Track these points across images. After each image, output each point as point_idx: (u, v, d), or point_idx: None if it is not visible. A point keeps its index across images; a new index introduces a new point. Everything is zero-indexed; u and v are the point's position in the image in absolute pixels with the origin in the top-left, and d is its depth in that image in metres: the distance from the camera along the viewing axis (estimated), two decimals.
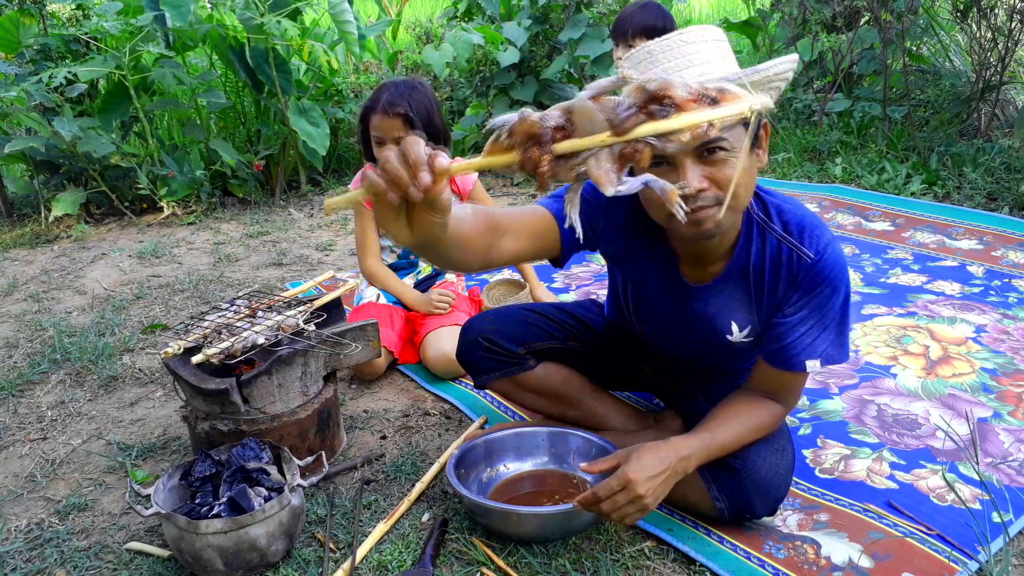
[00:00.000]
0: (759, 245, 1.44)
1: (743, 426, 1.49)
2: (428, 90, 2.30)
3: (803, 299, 1.43)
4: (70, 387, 2.31)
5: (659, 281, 1.56)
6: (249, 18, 3.67)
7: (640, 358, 1.84)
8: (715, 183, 1.26)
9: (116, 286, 3.10)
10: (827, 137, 4.31)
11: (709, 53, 1.27)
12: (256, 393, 1.72)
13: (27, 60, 3.73)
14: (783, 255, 1.43)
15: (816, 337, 1.45)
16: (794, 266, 1.42)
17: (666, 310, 1.60)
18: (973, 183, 3.61)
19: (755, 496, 1.49)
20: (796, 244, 1.41)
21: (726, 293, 1.50)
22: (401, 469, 1.83)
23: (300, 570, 1.53)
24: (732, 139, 1.24)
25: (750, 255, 1.45)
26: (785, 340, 1.46)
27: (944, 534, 1.52)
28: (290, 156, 4.25)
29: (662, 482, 1.39)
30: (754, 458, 1.48)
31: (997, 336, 2.33)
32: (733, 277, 1.48)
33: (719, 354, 1.65)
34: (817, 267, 1.40)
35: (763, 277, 1.45)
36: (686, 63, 1.25)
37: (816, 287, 1.41)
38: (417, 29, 6.09)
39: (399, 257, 2.47)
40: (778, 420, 1.54)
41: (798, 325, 1.44)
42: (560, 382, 1.79)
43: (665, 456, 1.40)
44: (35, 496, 1.82)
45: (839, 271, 1.41)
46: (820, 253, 1.40)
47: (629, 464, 1.37)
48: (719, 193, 1.27)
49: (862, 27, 4.50)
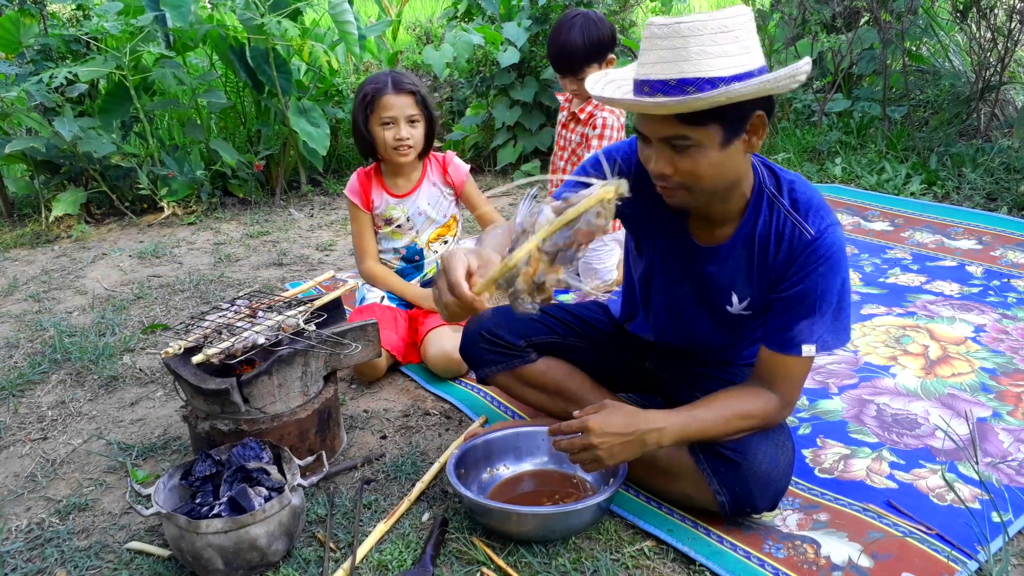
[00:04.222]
0: (766, 217, 1.48)
1: (728, 410, 1.48)
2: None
3: (799, 275, 1.45)
4: (70, 387, 2.31)
5: (671, 240, 1.60)
6: (249, 18, 3.68)
7: (642, 355, 1.85)
8: (678, 171, 1.36)
9: (116, 286, 3.10)
10: (827, 137, 4.31)
11: (708, 48, 1.26)
12: (256, 393, 1.72)
13: (28, 60, 3.73)
14: (786, 229, 1.46)
15: (812, 320, 1.46)
16: (795, 241, 1.45)
17: (677, 268, 1.62)
18: (972, 183, 3.61)
19: (756, 489, 1.49)
20: (799, 220, 1.45)
21: (732, 260, 1.53)
22: (401, 469, 1.83)
23: (300, 570, 1.53)
24: (696, 136, 1.31)
25: (757, 225, 1.48)
26: (782, 318, 1.48)
27: (944, 534, 1.53)
28: (290, 156, 4.25)
29: (622, 443, 1.42)
30: (754, 451, 1.49)
31: (996, 336, 2.33)
32: (739, 244, 1.51)
33: (718, 329, 1.67)
34: (816, 244, 1.43)
35: (766, 248, 1.48)
36: (672, 56, 1.26)
37: (813, 263, 1.43)
38: (417, 29, 6.10)
39: (404, 261, 2.47)
40: (772, 412, 1.52)
41: (795, 304, 1.46)
42: (561, 377, 1.80)
43: (633, 422, 1.43)
44: (35, 496, 1.82)
45: (837, 252, 1.43)
46: (821, 232, 1.43)
47: (597, 415, 1.43)
48: (682, 180, 1.37)
49: (862, 27, 4.50)
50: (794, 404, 1.56)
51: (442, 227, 2.46)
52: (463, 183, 2.45)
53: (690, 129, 1.30)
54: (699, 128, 1.30)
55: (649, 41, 1.29)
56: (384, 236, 2.44)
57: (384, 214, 2.41)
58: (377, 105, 2.25)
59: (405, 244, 2.44)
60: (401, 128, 2.26)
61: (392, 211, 2.40)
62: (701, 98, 1.23)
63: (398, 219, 2.41)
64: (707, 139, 1.31)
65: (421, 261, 2.48)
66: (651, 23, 1.29)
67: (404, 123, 2.26)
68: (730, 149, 1.34)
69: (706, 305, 1.63)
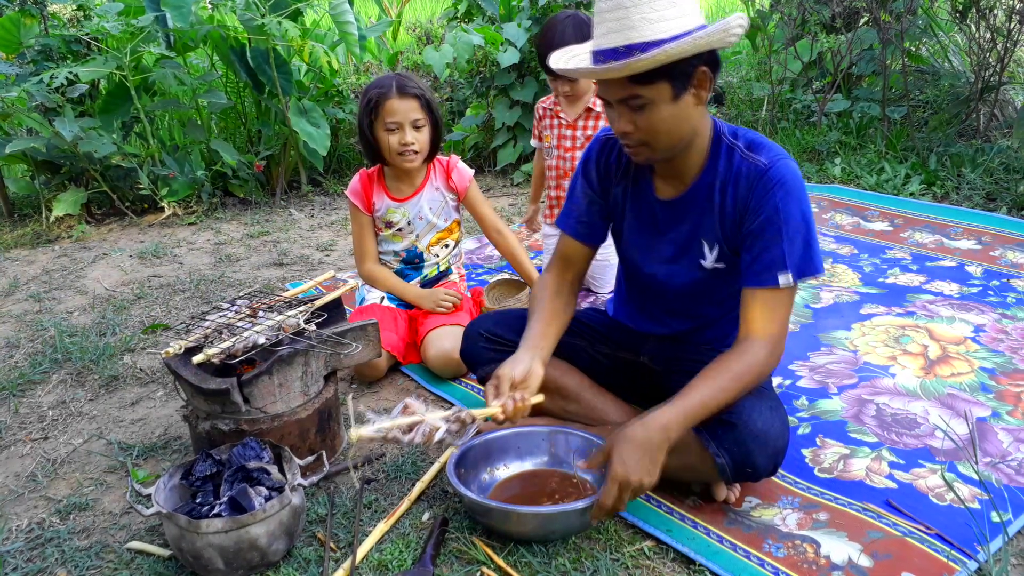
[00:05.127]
0: (726, 162, 1.58)
1: (719, 379, 1.49)
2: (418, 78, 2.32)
3: (759, 205, 1.53)
4: (71, 387, 2.31)
5: (640, 203, 1.71)
6: (250, 19, 3.68)
7: (637, 350, 1.88)
8: (638, 128, 1.48)
9: (117, 286, 3.11)
10: (826, 137, 4.31)
11: (648, 15, 1.38)
12: (257, 393, 1.72)
13: (28, 60, 3.73)
14: (743, 168, 1.56)
15: (781, 246, 1.51)
16: (751, 175, 1.55)
17: (650, 228, 1.71)
18: (972, 183, 3.61)
19: (755, 448, 1.50)
20: (753, 157, 1.56)
21: (697, 207, 1.62)
22: (401, 468, 1.84)
23: (300, 569, 1.53)
24: (648, 94, 1.43)
25: (717, 172, 1.59)
26: (752, 252, 1.54)
27: (943, 533, 1.53)
28: (291, 156, 4.25)
29: (651, 460, 1.43)
30: (749, 410, 1.51)
31: (996, 336, 2.34)
32: (703, 191, 1.61)
33: (699, 293, 1.72)
34: (769, 171, 1.52)
35: (727, 190, 1.58)
36: (618, 26, 1.39)
37: (768, 190, 1.52)
38: (417, 30, 6.10)
39: (404, 263, 2.47)
40: (761, 361, 1.50)
41: (760, 234, 1.53)
42: (560, 375, 1.81)
43: (643, 438, 1.44)
44: (36, 496, 1.82)
45: (790, 176, 1.52)
46: (772, 161, 1.53)
47: (615, 464, 1.42)
48: (643, 136, 1.49)
49: (861, 28, 4.51)
50: (779, 344, 1.54)
51: (443, 231, 2.46)
52: (467, 188, 2.43)
53: (642, 88, 1.42)
54: (650, 86, 1.42)
55: (599, 15, 1.43)
56: (384, 239, 2.44)
57: (385, 217, 2.40)
58: (381, 110, 2.22)
59: (405, 247, 2.44)
60: (406, 133, 2.23)
61: (393, 214, 2.39)
62: (644, 58, 1.36)
63: (399, 223, 2.40)
64: (659, 95, 1.44)
65: (421, 263, 2.48)
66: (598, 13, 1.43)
67: (409, 128, 2.23)
68: (681, 103, 1.46)
69: (682, 262, 1.69)
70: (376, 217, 2.41)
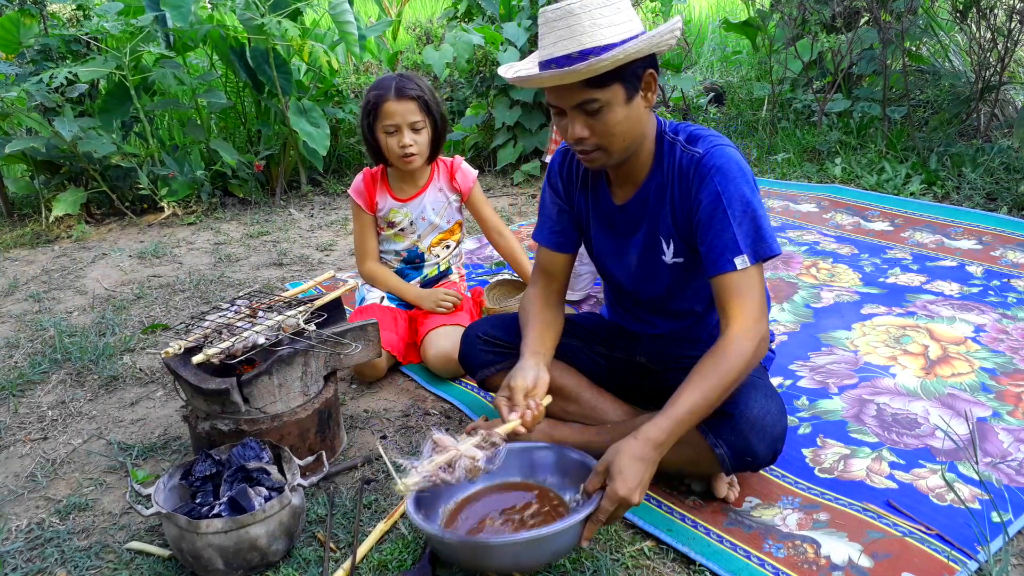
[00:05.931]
0: (669, 159, 1.63)
1: (705, 382, 1.47)
2: (421, 78, 2.31)
3: (699, 194, 1.56)
4: (71, 387, 2.31)
5: (600, 212, 1.75)
6: (249, 18, 3.68)
7: (632, 350, 1.88)
8: (594, 132, 1.51)
9: (117, 286, 3.11)
10: (826, 137, 4.31)
11: (598, 20, 1.42)
12: (256, 393, 1.72)
13: (28, 60, 3.73)
14: (684, 160, 1.60)
15: (729, 230, 1.52)
16: (691, 167, 1.59)
17: (614, 233, 1.76)
18: (972, 183, 3.61)
19: (752, 436, 1.50)
20: (691, 148, 1.60)
21: (649, 206, 1.67)
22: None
23: (300, 570, 1.53)
24: (603, 97, 1.47)
25: (663, 170, 1.63)
26: (706, 241, 1.56)
27: (943, 534, 1.53)
28: (290, 156, 4.25)
29: (647, 477, 1.43)
30: (744, 399, 1.52)
31: (996, 336, 2.34)
32: (652, 191, 1.66)
33: (668, 291, 1.75)
34: (704, 159, 1.56)
35: (673, 185, 1.62)
36: (569, 33, 1.43)
37: (706, 177, 1.55)
38: (417, 30, 6.10)
39: (404, 262, 2.47)
40: (743, 350, 1.48)
41: (707, 222, 1.55)
42: (557, 376, 1.80)
43: (639, 455, 1.43)
44: (36, 496, 1.82)
45: (726, 160, 1.55)
46: (707, 150, 1.57)
47: (615, 482, 1.40)
48: (598, 140, 1.52)
49: (862, 27, 4.51)
50: (759, 327, 1.51)
51: (445, 232, 2.46)
52: (470, 189, 2.43)
53: (598, 92, 1.46)
54: (605, 89, 1.46)
55: (546, 26, 1.47)
56: (386, 238, 2.44)
57: (387, 217, 2.40)
58: (380, 112, 2.22)
59: (407, 247, 2.44)
60: (404, 135, 2.23)
61: (395, 215, 2.39)
62: (603, 59, 1.40)
63: (401, 223, 2.40)
64: (614, 98, 1.48)
65: (421, 263, 2.47)
66: (543, 11, 1.47)
67: (407, 130, 2.23)
68: (633, 105, 1.51)
69: (648, 264, 1.73)
70: (378, 217, 2.41)
